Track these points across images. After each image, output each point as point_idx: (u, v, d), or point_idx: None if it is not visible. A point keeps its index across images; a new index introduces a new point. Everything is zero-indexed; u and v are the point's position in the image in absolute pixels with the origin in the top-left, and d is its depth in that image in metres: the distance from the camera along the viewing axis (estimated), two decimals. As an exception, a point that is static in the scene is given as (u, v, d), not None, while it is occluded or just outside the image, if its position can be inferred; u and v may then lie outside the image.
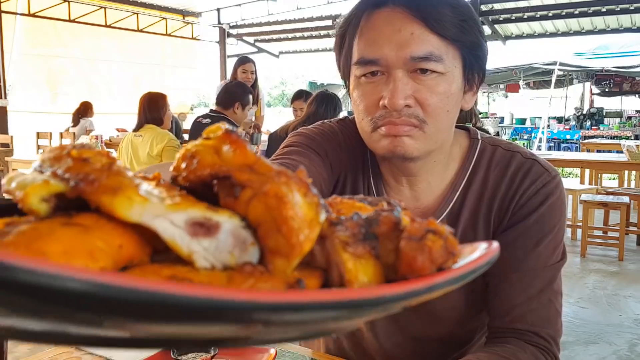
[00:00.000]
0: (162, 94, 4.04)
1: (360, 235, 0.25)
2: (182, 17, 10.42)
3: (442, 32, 0.76)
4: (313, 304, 0.18)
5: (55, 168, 0.23)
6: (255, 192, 0.22)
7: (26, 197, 0.21)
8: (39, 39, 8.45)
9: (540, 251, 0.84)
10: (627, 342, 2.99)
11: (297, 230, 0.22)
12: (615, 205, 4.67)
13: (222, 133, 0.26)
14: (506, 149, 0.90)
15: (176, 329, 0.18)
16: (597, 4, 8.34)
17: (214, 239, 0.22)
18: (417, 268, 0.24)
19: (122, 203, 0.20)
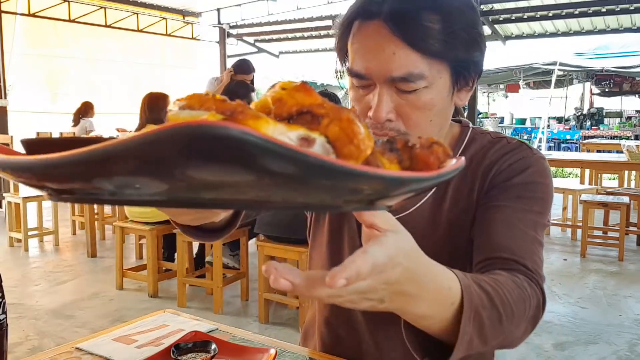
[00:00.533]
0: (163, 94, 4.05)
1: (388, 148, 0.39)
2: (182, 17, 10.42)
3: (425, 50, 0.77)
4: (373, 174, 0.31)
5: (204, 107, 0.32)
6: (332, 119, 0.34)
7: (208, 118, 0.30)
8: (39, 39, 8.44)
9: (523, 205, 0.85)
10: (627, 342, 2.99)
11: (363, 141, 0.34)
12: (615, 205, 4.67)
13: (298, 84, 0.36)
14: (494, 136, 0.94)
15: (314, 181, 0.29)
16: (597, 4, 8.34)
17: (313, 148, 0.34)
18: (430, 164, 0.38)
19: (263, 124, 0.31)
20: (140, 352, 0.94)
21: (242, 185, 0.28)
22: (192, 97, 0.33)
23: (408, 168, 0.38)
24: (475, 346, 0.65)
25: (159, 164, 0.25)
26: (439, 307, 0.59)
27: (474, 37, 0.81)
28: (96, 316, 3.38)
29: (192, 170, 0.25)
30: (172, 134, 0.23)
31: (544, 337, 3.06)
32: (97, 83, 9.26)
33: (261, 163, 0.25)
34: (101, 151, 0.24)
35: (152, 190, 0.27)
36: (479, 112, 11.32)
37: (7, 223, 5.13)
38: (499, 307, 0.67)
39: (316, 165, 0.27)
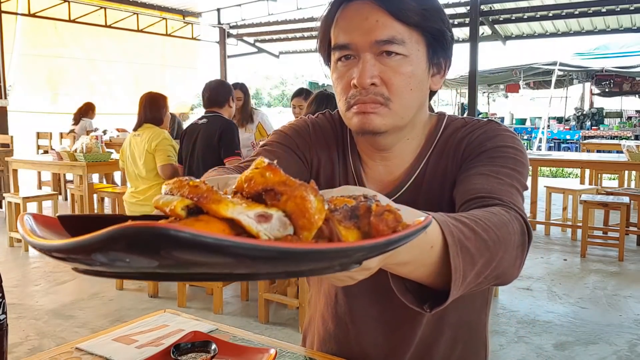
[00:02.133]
0: (162, 94, 4.06)
1: (348, 216, 0.43)
2: (182, 17, 10.42)
3: (405, 19, 0.86)
4: (331, 250, 0.37)
5: (180, 192, 0.40)
6: (289, 196, 0.40)
7: (175, 207, 0.39)
8: (39, 39, 8.45)
9: (497, 162, 0.87)
10: (627, 342, 2.99)
11: (313, 215, 0.39)
12: (615, 206, 4.67)
13: (266, 164, 0.42)
14: (467, 120, 0.99)
15: (255, 265, 0.35)
16: (597, 4, 8.34)
17: (269, 223, 0.39)
18: (380, 231, 0.42)
19: (223, 207, 0.38)
20: (140, 352, 0.94)
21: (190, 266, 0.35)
22: (175, 183, 0.42)
23: (367, 233, 0.42)
24: (470, 281, 0.65)
25: (121, 251, 0.32)
26: (417, 252, 0.59)
27: (444, 18, 0.91)
28: (96, 316, 3.38)
29: (148, 257, 0.32)
30: (119, 234, 0.31)
31: (544, 337, 3.06)
32: (97, 83, 9.26)
33: (177, 253, 0.32)
34: (87, 240, 0.32)
35: (135, 263, 0.34)
36: (479, 112, 11.32)
37: (7, 223, 5.14)
38: (482, 234, 0.67)
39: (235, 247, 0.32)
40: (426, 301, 0.67)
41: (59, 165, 5.12)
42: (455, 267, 0.61)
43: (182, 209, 0.38)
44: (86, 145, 4.90)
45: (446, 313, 0.99)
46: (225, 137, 3.57)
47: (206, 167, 3.61)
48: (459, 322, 1.01)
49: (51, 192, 5.87)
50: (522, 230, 0.74)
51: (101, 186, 5.57)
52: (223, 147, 3.56)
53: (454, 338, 1.01)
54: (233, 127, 3.65)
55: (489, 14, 8.93)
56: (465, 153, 0.93)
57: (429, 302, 0.66)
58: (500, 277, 0.72)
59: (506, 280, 0.73)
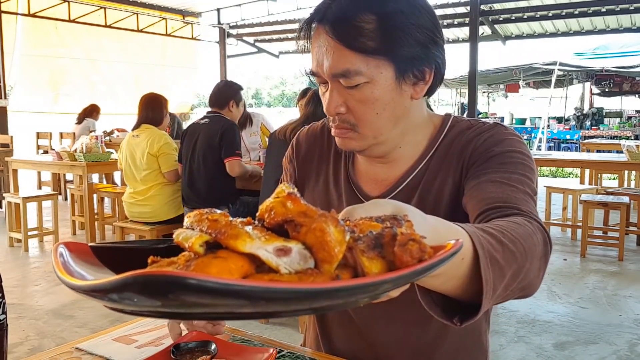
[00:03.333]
0: (161, 95, 4.09)
1: (372, 245, 0.41)
2: (182, 17, 10.42)
3: (358, 48, 0.82)
4: (346, 287, 0.36)
5: (200, 226, 0.40)
6: (309, 228, 0.39)
7: (193, 244, 0.39)
8: (40, 39, 8.45)
9: (507, 168, 0.86)
10: (627, 342, 2.99)
11: (333, 247, 0.39)
12: (615, 205, 4.67)
13: (286, 194, 0.42)
14: (472, 122, 0.97)
15: (273, 306, 0.35)
16: (597, 4, 8.35)
17: (289, 257, 0.39)
18: (404, 262, 0.40)
19: (241, 243, 0.38)
20: (140, 352, 0.94)
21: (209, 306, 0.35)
22: (195, 216, 0.42)
23: (392, 262, 0.41)
24: (499, 293, 0.64)
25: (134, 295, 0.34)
26: (449, 264, 0.59)
27: (418, 34, 0.84)
28: (96, 316, 3.38)
29: (165, 299, 0.34)
30: (133, 281, 0.33)
31: (544, 337, 3.06)
32: (98, 83, 9.26)
33: (184, 297, 0.33)
34: (104, 284, 0.35)
35: (147, 304, 0.35)
36: (478, 112, 11.32)
37: (7, 223, 5.14)
38: (509, 245, 0.65)
39: (252, 292, 0.33)
40: (453, 314, 0.65)
41: (59, 165, 5.12)
42: (486, 279, 0.60)
43: (200, 246, 0.38)
44: (86, 145, 4.90)
45: None
46: (226, 137, 3.57)
47: (207, 166, 3.62)
48: (461, 329, 0.99)
49: (51, 192, 5.87)
50: (545, 241, 0.73)
51: (101, 186, 5.57)
52: (223, 148, 3.56)
53: (456, 345, 1.00)
54: (234, 128, 3.65)
55: (488, 14, 8.93)
56: (472, 158, 0.91)
57: (458, 315, 0.65)
58: (526, 289, 0.71)
59: (530, 292, 0.72)
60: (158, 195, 3.85)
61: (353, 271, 0.40)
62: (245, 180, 3.71)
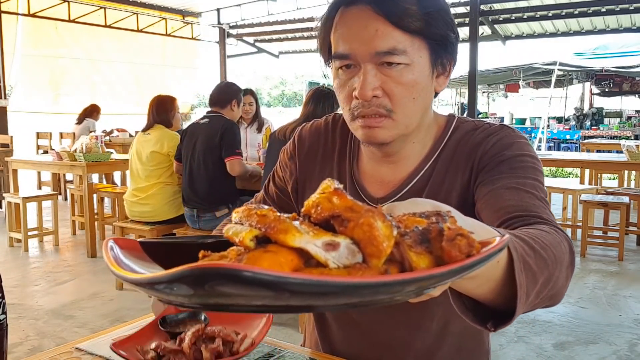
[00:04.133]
0: (171, 97, 4.15)
1: (419, 240, 0.41)
2: (182, 17, 10.42)
3: (405, 27, 0.82)
4: (398, 281, 0.36)
5: (249, 221, 0.40)
6: (356, 223, 0.39)
7: (244, 239, 0.39)
8: (40, 39, 8.45)
9: (519, 173, 0.86)
10: (627, 342, 2.99)
11: (381, 242, 0.39)
12: (615, 205, 4.67)
13: (333, 190, 0.42)
14: (477, 123, 0.97)
15: (325, 299, 0.36)
16: (597, 4, 8.34)
17: (337, 251, 0.39)
18: (453, 257, 0.40)
19: (290, 238, 0.38)
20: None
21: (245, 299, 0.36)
22: (244, 212, 0.42)
23: (439, 257, 0.41)
24: (531, 300, 0.63)
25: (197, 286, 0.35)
26: (485, 265, 0.58)
27: (448, 20, 0.87)
28: (96, 316, 3.38)
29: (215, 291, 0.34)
30: (190, 273, 0.34)
31: (544, 337, 3.06)
32: (98, 83, 9.26)
33: (240, 291, 0.33)
34: (161, 276, 0.36)
35: (201, 296, 0.36)
36: (478, 112, 11.33)
37: (7, 223, 5.13)
38: (541, 252, 0.65)
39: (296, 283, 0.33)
40: (485, 319, 0.65)
41: (59, 165, 5.12)
42: (520, 283, 0.60)
43: (250, 240, 0.39)
44: (86, 145, 4.90)
45: (451, 322, 0.98)
46: (227, 137, 3.57)
47: (207, 166, 3.62)
48: (463, 331, 1.00)
49: (51, 192, 5.87)
50: (570, 250, 0.74)
51: (101, 186, 5.57)
52: (224, 147, 3.56)
53: (458, 347, 1.00)
54: (234, 128, 3.65)
55: (488, 14, 8.93)
56: (482, 161, 0.90)
57: (492, 320, 0.64)
58: (553, 298, 0.70)
59: (556, 301, 0.72)
60: (159, 195, 3.85)
61: (400, 266, 0.40)
62: (245, 180, 3.71)
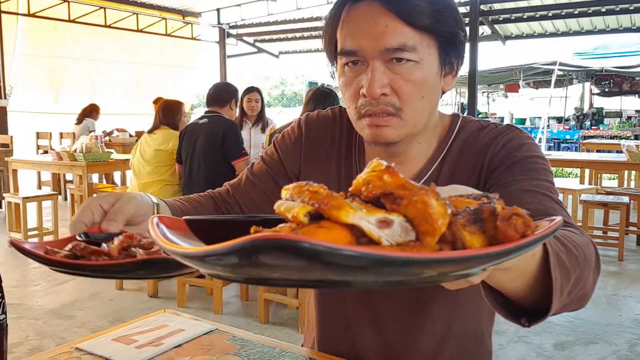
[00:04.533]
0: (178, 101, 4.25)
1: (472, 220, 0.41)
2: (182, 17, 10.42)
3: (415, 23, 0.81)
4: (451, 258, 0.36)
5: (301, 197, 0.40)
6: (410, 201, 0.39)
7: (297, 214, 0.39)
8: (40, 39, 8.45)
9: (533, 175, 0.85)
10: (627, 342, 2.99)
11: (437, 220, 0.38)
12: (615, 205, 4.67)
13: (384, 167, 0.41)
14: (482, 123, 0.97)
15: (380, 276, 0.36)
16: (597, 4, 8.35)
17: (391, 229, 0.39)
18: (508, 236, 0.40)
19: (344, 214, 0.38)
20: (140, 352, 0.94)
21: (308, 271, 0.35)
22: (294, 188, 0.42)
23: (493, 237, 0.41)
24: (564, 298, 0.63)
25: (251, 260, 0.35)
26: (520, 257, 0.56)
27: (457, 18, 0.87)
28: (96, 316, 3.38)
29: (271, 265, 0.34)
30: (254, 244, 0.33)
31: (544, 337, 3.06)
32: (98, 83, 9.26)
33: (297, 263, 0.33)
34: (219, 249, 0.35)
35: (261, 267, 0.35)
36: (478, 112, 11.32)
37: (7, 223, 5.13)
38: (573, 250, 0.65)
39: (356, 257, 0.33)
40: (517, 315, 0.65)
41: (59, 165, 5.12)
42: (555, 277, 0.59)
43: (304, 216, 0.39)
44: (86, 145, 4.90)
45: (454, 324, 0.97)
46: (230, 138, 3.57)
47: (207, 167, 3.62)
48: (465, 333, 0.99)
49: (51, 192, 5.87)
50: (596, 254, 0.73)
51: (101, 186, 5.57)
52: (229, 150, 3.56)
53: (460, 349, 0.99)
54: (236, 128, 3.66)
55: (488, 14, 8.93)
56: (492, 163, 0.89)
57: (525, 316, 0.64)
58: (582, 300, 0.70)
59: (583, 304, 0.71)
60: (159, 194, 3.86)
61: (451, 246, 0.40)
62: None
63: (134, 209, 0.82)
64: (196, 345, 0.98)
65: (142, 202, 0.84)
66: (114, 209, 0.80)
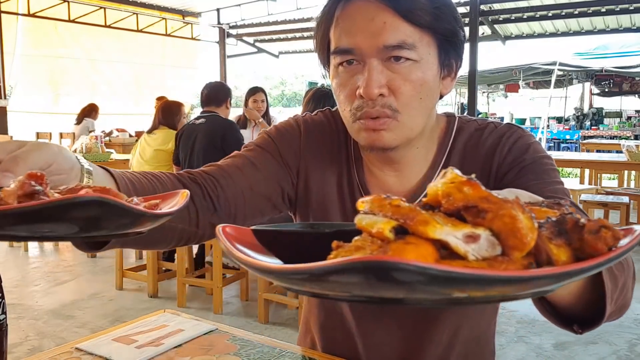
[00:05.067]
0: (177, 102, 4.31)
1: (556, 232, 0.40)
2: (182, 17, 10.42)
3: (415, 20, 0.78)
4: (546, 275, 0.35)
5: (382, 212, 0.39)
6: (495, 214, 0.38)
7: (383, 230, 0.38)
8: (40, 39, 8.45)
9: (545, 178, 0.84)
10: (627, 342, 2.99)
11: (526, 235, 0.37)
12: (615, 205, 4.67)
13: (465, 179, 0.40)
14: (480, 123, 0.94)
15: (460, 291, 0.34)
16: (597, 4, 8.35)
17: (477, 243, 0.38)
18: (597, 249, 0.39)
19: (431, 229, 0.37)
20: (140, 352, 0.94)
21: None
22: (374, 202, 0.41)
23: (578, 250, 0.40)
24: (611, 306, 0.62)
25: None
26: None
27: (456, 16, 0.83)
28: (96, 316, 3.38)
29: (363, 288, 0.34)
30: (351, 267, 0.33)
31: (544, 337, 3.06)
32: (98, 83, 9.26)
33: (411, 286, 0.33)
34: (321, 268, 0.34)
35: (362, 288, 0.35)
36: (478, 112, 11.32)
37: (7, 223, 5.13)
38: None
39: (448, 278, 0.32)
40: (567, 322, 0.64)
41: (59, 165, 5.12)
42: (607, 284, 0.58)
43: (390, 232, 0.38)
44: (86, 146, 4.90)
45: (459, 330, 0.96)
46: (230, 138, 3.58)
47: (206, 167, 3.63)
48: (470, 336, 0.98)
49: (51, 192, 5.86)
50: (632, 262, 0.72)
51: (101, 186, 5.58)
52: (230, 149, 3.57)
53: (466, 353, 0.98)
54: (235, 127, 3.67)
55: (488, 14, 8.93)
56: (501, 170, 0.87)
57: (576, 324, 0.63)
58: (623, 309, 0.68)
59: (623, 312, 0.69)
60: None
61: (534, 258, 0.39)
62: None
63: (44, 159, 0.60)
64: (196, 345, 0.98)
65: (58, 154, 0.62)
66: (13, 155, 0.58)
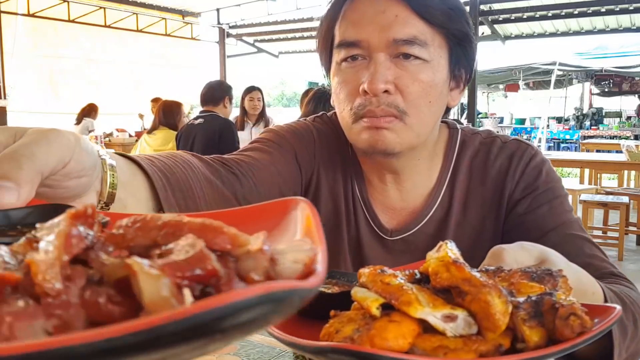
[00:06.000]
0: (177, 102, 4.31)
1: (532, 313, 0.43)
2: (182, 17, 10.42)
3: (428, 16, 0.74)
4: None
5: (374, 288, 0.44)
6: (474, 297, 0.42)
7: (370, 307, 0.43)
8: (40, 39, 8.45)
9: (559, 207, 0.82)
10: None
11: (498, 319, 0.42)
12: (615, 205, 4.67)
13: (452, 261, 0.44)
14: (485, 136, 0.89)
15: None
16: (597, 4, 8.35)
17: (455, 323, 0.42)
18: (564, 336, 0.42)
19: (412, 310, 0.42)
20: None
21: None
22: (369, 276, 0.45)
23: (551, 331, 0.43)
24: (622, 355, 0.62)
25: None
26: (580, 295, 0.54)
27: (468, 20, 0.80)
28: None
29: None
30: (330, 350, 0.41)
31: (544, 337, 3.07)
32: (98, 83, 9.26)
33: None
34: (311, 347, 0.43)
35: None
36: (478, 112, 11.33)
37: (7, 223, 5.13)
38: (630, 306, 0.64)
39: None
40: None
41: (59, 165, 5.13)
42: (615, 335, 0.58)
43: (376, 309, 0.42)
44: (86, 146, 4.92)
45: None
46: (227, 137, 3.59)
47: (206, 167, 3.63)
48: None
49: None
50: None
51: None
52: (225, 149, 3.57)
53: None
54: (232, 127, 3.68)
55: (488, 14, 8.93)
56: (515, 195, 0.84)
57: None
58: (635, 355, 0.67)
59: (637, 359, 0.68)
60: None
61: (511, 334, 0.43)
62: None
63: (58, 156, 0.42)
64: (196, 345, 0.98)
65: (75, 146, 0.44)
66: (11, 150, 0.39)
